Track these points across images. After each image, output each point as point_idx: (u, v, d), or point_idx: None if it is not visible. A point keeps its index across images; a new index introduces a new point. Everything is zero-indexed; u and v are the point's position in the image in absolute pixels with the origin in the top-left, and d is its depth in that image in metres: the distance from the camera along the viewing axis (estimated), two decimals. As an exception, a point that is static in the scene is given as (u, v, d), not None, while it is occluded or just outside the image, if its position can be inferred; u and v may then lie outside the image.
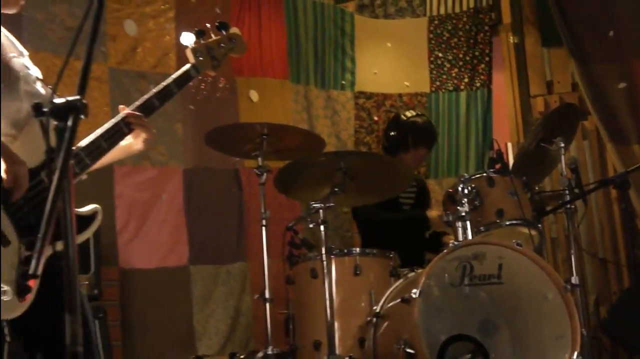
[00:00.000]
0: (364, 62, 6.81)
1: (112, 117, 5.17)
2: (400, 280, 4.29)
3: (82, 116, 1.87)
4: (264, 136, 4.27)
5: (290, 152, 4.48)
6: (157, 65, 5.79)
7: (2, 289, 2.36)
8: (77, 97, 1.87)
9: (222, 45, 3.13)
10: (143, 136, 2.95)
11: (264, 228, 4.36)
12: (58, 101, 1.87)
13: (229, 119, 5.84)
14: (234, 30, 3.23)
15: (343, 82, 6.71)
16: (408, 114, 5.75)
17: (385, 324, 4.11)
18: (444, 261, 4.01)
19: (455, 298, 4.12)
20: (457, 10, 6.96)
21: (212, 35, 3.12)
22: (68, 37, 5.25)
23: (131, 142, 2.98)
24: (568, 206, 4.61)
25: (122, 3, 5.69)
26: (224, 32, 3.14)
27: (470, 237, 4.20)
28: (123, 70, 5.65)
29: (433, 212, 5.37)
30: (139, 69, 5.72)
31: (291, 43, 6.49)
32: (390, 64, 6.93)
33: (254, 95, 6.21)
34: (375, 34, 6.90)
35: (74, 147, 2.63)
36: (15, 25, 2.84)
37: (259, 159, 4.33)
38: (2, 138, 2.50)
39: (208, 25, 3.12)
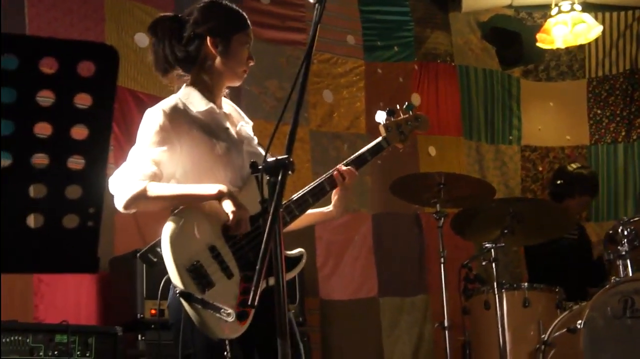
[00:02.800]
0: (529, 120, 6.71)
1: (313, 172, 5.29)
2: (566, 312, 4.14)
3: (290, 172, 1.92)
4: (441, 185, 4.25)
5: (464, 200, 4.43)
6: (350, 127, 5.91)
7: (227, 311, 2.45)
8: (286, 156, 1.93)
9: (409, 123, 3.12)
10: (337, 202, 2.93)
11: (442, 265, 4.32)
12: (270, 159, 1.94)
13: (411, 171, 5.84)
14: (417, 99, 3.24)
15: (511, 137, 6.63)
16: (574, 165, 5.57)
17: (553, 351, 3.97)
18: (606, 295, 3.85)
19: (618, 329, 3.92)
20: (614, 72, 6.74)
21: (401, 114, 3.13)
22: (277, 106, 5.45)
23: (330, 210, 2.96)
24: None
25: (321, 76, 5.86)
26: (411, 112, 3.15)
27: (630, 274, 4.01)
28: (321, 132, 5.79)
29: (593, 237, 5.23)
30: (334, 130, 5.85)
31: (464, 105, 6.48)
32: (552, 120, 6.78)
33: (432, 150, 6.21)
34: (539, 94, 6.79)
35: (286, 200, 2.72)
36: (235, 97, 2.97)
37: (437, 205, 4.31)
38: (230, 188, 2.62)
39: (397, 106, 3.13)
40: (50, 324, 3.81)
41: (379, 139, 3.04)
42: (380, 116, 3.09)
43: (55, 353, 3.54)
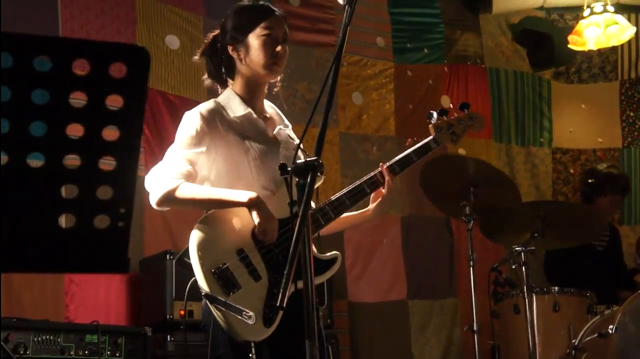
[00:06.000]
0: (560, 122, 6.67)
1: (341, 174, 5.28)
2: (597, 316, 4.10)
3: (319, 174, 1.92)
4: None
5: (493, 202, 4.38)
6: (379, 129, 5.90)
7: (248, 314, 2.46)
8: (315, 158, 1.92)
9: (462, 122, 3.03)
10: (376, 205, 2.87)
11: (471, 268, 4.28)
12: (299, 161, 1.94)
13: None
14: (446, 102, 3.20)
15: (541, 139, 6.59)
16: (604, 164, 5.59)
17: (584, 356, 3.92)
18: (639, 299, 3.79)
19: (650, 334, 3.87)
20: (647, 73, 6.68)
21: (455, 114, 3.04)
22: (307, 108, 5.45)
23: (366, 212, 2.91)
24: None
25: (350, 78, 5.86)
26: (465, 111, 3.07)
27: (663, 278, 3.96)
28: (350, 134, 5.79)
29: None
30: (364, 132, 5.84)
31: (494, 107, 6.45)
32: (584, 122, 6.73)
33: (462, 152, 6.17)
34: (570, 97, 6.74)
35: (323, 202, 2.71)
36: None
37: (467, 208, 4.28)
38: (262, 192, 2.63)
39: (451, 105, 3.07)
40: (80, 324, 3.85)
41: (428, 139, 2.94)
42: (431, 116, 3.00)
43: (86, 352, 3.57)
